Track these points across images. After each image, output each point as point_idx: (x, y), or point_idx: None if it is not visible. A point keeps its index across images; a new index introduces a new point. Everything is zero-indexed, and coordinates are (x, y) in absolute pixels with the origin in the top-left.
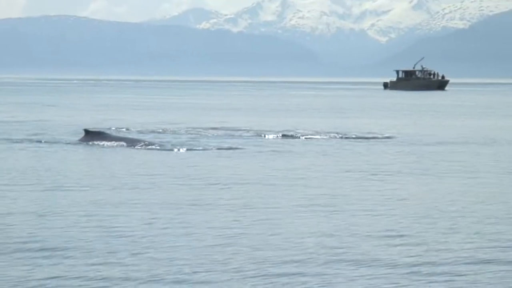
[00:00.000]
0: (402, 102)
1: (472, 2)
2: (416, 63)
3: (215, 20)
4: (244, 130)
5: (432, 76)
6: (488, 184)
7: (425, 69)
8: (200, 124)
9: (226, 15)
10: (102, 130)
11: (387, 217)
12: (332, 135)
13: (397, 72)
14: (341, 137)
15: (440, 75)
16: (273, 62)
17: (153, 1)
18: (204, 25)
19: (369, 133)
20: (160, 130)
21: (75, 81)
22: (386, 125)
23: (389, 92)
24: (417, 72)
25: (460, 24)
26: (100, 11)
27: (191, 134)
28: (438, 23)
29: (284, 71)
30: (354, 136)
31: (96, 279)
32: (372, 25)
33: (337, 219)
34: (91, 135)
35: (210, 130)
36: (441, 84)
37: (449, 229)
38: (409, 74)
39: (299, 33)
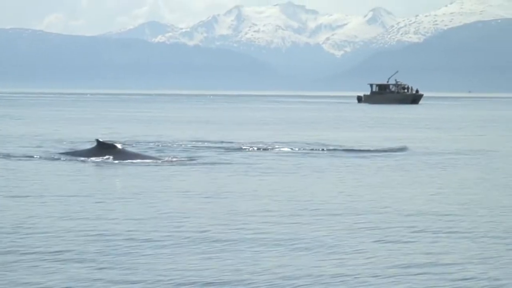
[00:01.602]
0: (387, 116)
1: (426, 16)
2: (390, 77)
3: (171, 34)
4: (235, 143)
5: (406, 90)
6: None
7: (399, 83)
8: (177, 137)
9: (181, 28)
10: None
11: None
12: (330, 147)
13: (371, 85)
14: (333, 149)
15: (414, 89)
16: (229, 75)
17: (110, 14)
18: (160, 38)
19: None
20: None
21: (45, 95)
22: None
23: (363, 106)
24: (391, 86)
25: (414, 38)
26: (56, 24)
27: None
28: (393, 37)
29: (240, 85)
30: (353, 148)
31: None
32: (327, 39)
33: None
34: (104, 147)
35: (193, 143)
36: (415, 98)
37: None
38: (383, 88)
39: (254, 46)
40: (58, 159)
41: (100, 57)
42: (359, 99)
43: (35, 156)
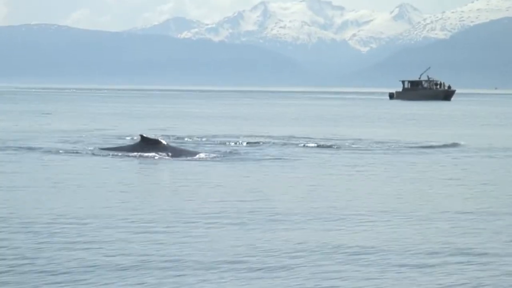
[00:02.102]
0: (424, 112)
1: (453, 12)
2: (422, 73)
3: (196, 30)
4: (289, 138)
5: (438, 86)
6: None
7: (431, 79)
8: (224, 132)
9: (207, 24)
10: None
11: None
12: (387, 145)
13: (403, 82)
14: (393, 147)
15: (446, 85)
16: (255, 72)
17: (135, 10)
18: (186, 34)
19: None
20: (187, 139)
21: (68, 90)
22: (442, 135)
23: (397, 102)
24: (423, 82)
25: (441, 35)
26: (81, 20)
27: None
28: (419, 33)
29: (266, 81)
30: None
31: None
32: (354, 35)
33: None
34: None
35: (243, 138)
36: (447, 94)
37: None
38: (415, 84)
39: (280, 42)
40: (104, 155)
41: (125, 53)
42: (391, 95)
43: (79, 152)
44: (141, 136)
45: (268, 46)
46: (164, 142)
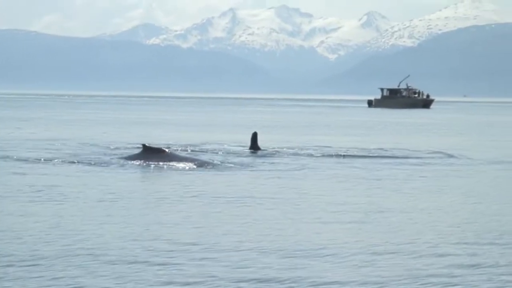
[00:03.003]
0: (408, 121)
1: (420, 20)
2: (401, 81)
3: (165, 36)
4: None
5: (417, 95)
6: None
7: (410, 87)
8: (200, 140)
9: (176, 31)
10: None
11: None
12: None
13: (382, 90)
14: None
15: (425, 94)
16: (222, 78)
17: (104, 16)
18: (154, 40)
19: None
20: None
21: (37, 96)
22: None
23: (376, 110)
24: (402, 91)
25: (409, 42)
26: (51, 26)
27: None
28: (387, 41)
29: (234, 87)
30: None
31: None
32: (322, 42)
33: None
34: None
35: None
36: (426, 103)
37: None
38: (394, 92)
39: (248, 49)
40: (105, 165)
41: (94, 59)
42: (370, 103)
43: (75, 161)
44: (143, 145)
45: (236, 53)
46: (167, 150)
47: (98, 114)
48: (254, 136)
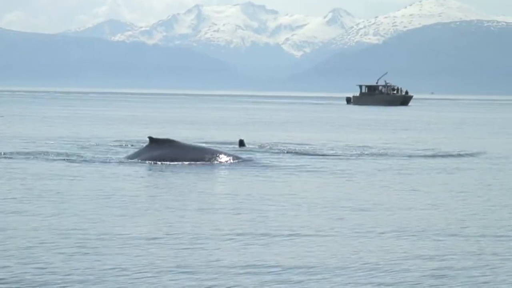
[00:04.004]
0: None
1: (386, 18)
2: (379, 78)
3: (130, 32)
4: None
5: (395, 92)
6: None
7: (388, 84)
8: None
9: (141, 27)
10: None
11: None
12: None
13: (360, 87)
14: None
15: (404, 90)
16: (188, 75)
17: (70, 12)
18: (120, 37)
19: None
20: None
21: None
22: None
23: (355, 107)
24: (380, 87)
25: (374, 40)
26: (15, 22)
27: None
28: (353, 38)
29: (199, 84)
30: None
31: None
32: (287, 39)
33: None
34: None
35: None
36: (404, 100)
37: None
38: (372, 89)
39: (214, 46)
40: (113, 161)
41: (59, 55)
42: (348, 100)
43: (92, 160)
44: (150, 138)
45: (202, 49)
46: (176, 140)
47: (70, 110)
48: (241, 142)
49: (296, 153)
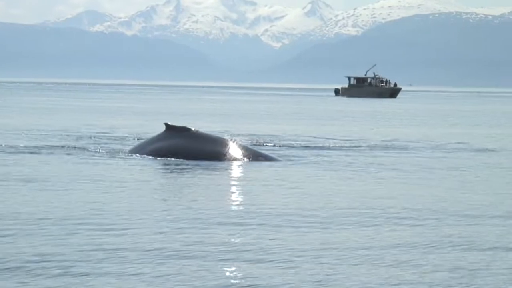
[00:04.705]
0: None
1: (364, 9)
2: (368, 70)
3: (109, 23)
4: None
5: (384, 84)
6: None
7: (377, 76)
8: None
9: (120, 18)
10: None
11: None
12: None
13: (349, 78)
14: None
15: (392, 82)
16: (166, 66)
17: (48, 3)
18: (98, 27)
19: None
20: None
21: None
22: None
23: (343, 99)
24: (369, 79)
25: (353, 31)
26: None
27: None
28: (331, 29)
29: (177, 75)
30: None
31: None
32: (266, 30)
33: None
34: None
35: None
36: (393, 92)
37: None
38: (361, 81)
39: (192, 37)
40: (129, 152)
41: (38, 46)
42: (337, 91)
43: (91, 149)
44: (166, 124)
45: (181, 40)
46: (193, 129)
47: (52, 101)
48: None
49: (322, 147)
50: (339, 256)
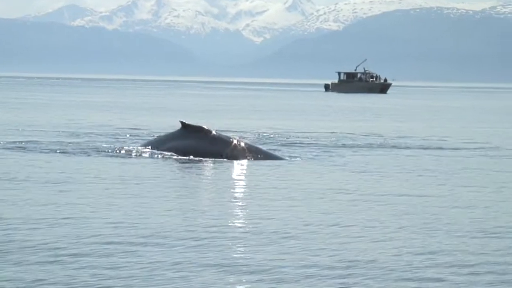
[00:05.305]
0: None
1: (346, 4)
2: (358, 65)
3: (90, 18)
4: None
5: (374, 79)
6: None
7: (367, 71)
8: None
9: (101, 12)
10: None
11: None
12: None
13: (339, 74)
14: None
15: (382, 78)
16: (148, 61)
17: None
18: (79, 22)
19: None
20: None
21: None
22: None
23: (333, 95)
24: (359, 75)
25: (334, 26)
26: None
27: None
28: (312, 24)
29: (159, 70)
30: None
31: None
32: (247, 25)
33: None
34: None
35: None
36: (383, 87)
37: None
38: (351, 76)
39: (174, 32)
40: (143, 151)
41: (19, 40)
42: (327, 87)
43: (122, 151)
44: (182, 122)
45: (162, 35)
46: (212, 130)
47: (35, 96)
48: None
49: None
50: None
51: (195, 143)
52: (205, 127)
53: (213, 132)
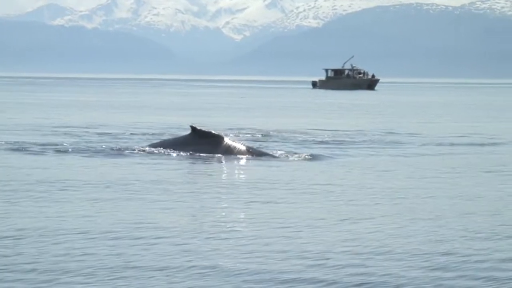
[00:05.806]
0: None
1: (325, 1)
2: (346, 61)
3: (70, 17)
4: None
5: (362, 75)
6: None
7: (355, 68)
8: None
9: (81, 11)
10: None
11: None
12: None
13: (326, 70)
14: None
15: (370, 74)
16: (128, 59)
17: None
18: (59, 21)
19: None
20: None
21: None
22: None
23: (321, 91)
24: (346, 71)
25: (314, 23)
26: None
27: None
28: (292, 21)
29: (140, 68)
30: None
31: None
32: (227, 23)
33: None
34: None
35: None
36: (371, 83)
37: None
38: (338, 72)
39: (154, 30)
40: (153, 152)
41: None
42: (314, 84)
43: (126, 150)
44: (192, 127)
45: (142, 33)
46: (226, 139)
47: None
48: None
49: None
50: None
51: (206, 151)
52: (216, 132)
53: (225, 139)
